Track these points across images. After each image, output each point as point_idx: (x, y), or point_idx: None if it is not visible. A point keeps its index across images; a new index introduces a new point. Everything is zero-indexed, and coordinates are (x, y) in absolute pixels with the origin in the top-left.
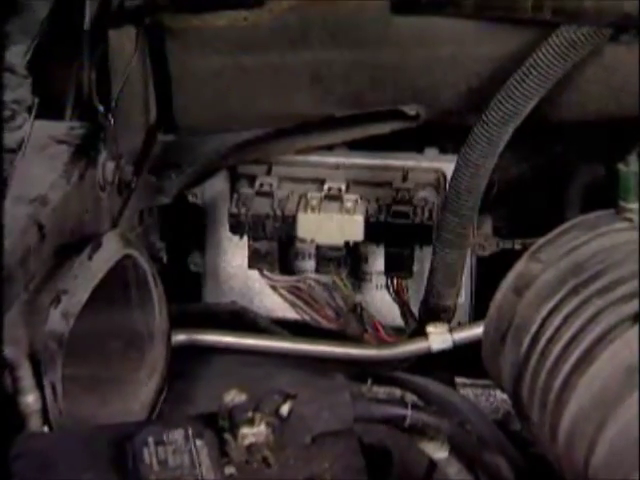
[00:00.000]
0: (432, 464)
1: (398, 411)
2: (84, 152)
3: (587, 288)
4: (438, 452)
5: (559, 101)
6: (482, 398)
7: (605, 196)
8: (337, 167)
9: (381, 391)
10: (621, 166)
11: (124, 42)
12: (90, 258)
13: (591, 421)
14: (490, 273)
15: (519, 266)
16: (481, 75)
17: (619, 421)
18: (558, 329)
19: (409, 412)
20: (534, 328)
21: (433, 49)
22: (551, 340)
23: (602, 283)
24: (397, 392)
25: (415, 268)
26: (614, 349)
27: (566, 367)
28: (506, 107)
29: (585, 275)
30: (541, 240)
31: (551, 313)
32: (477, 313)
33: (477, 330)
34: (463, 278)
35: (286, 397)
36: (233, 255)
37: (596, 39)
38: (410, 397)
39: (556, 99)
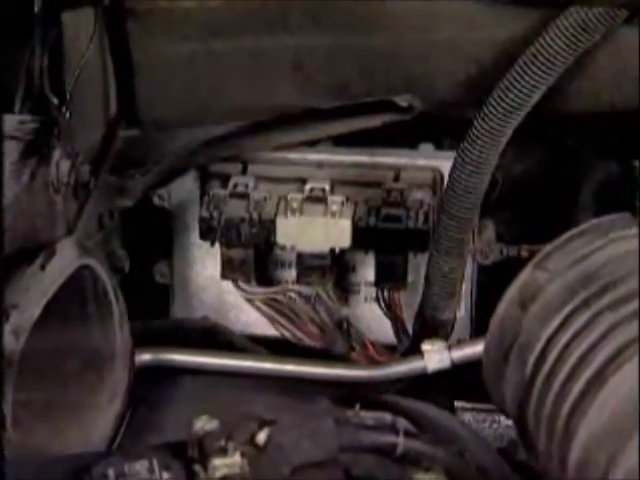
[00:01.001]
0: None
1: (389, 439)
2: (35, 149)
3: (599, 301)
4: None
5: (569, 90)
6: (485, 424)
7: (622, 196)
8: (321, 165)
9: (370, 416)
10: (638, 163)
11: (80, 25)
12: (43, 268)
13: (604, 451)
14: (493, 283)
15: (524, 276)
16: (482, 62)
17: (634, 451)
18: (567, 347)
19: (401, 440)
20: (540, 345)
21: (428, 33)
22: (559, 359)
23: (615, 295)
24: (388, 417)
25: (409, 278)
26: (626, 371)
27: (575, 390)
28: (510, 97)
29: (596, 286)
30: (548, 247)
31: (559, 329)
32: (479, 328)
33: (479, 348)
34: (463, 289)
35: (263, 424)
36: (204, 264)
37: (609, 21)
38: (402, 423)
39: (565, 88)
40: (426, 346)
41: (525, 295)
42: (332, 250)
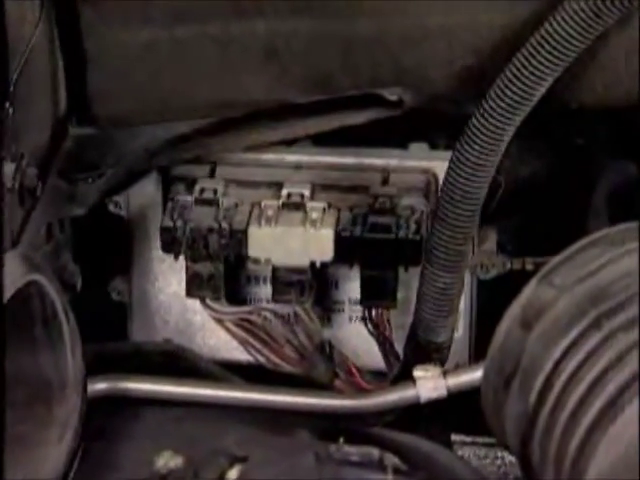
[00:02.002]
0: None
1: (376, 477)
2: None
3: (611, 321)
4: None
5: (579, 82)
6: (486, 460)
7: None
8: (299, 167)
9: (355, 451)
10: None
11: (25, 10)
12: None
13: None
14: (494, 300)
15: (527, 292)
16: (481, 50)
17: None
18: (576, 372)
19: (390, 478)
20: (546, 371)
21: (419, 18)
22: (567, 386)
23: (629, 315)
24: (375, 453)
25: (399, 295)
26: None
27: (586, 421)
28: (513, 91)
29: (609, 304)
30: (555, 259)
31: (567, 352)
32: (479, 352)
33: (478, 374)
34: (460, 307)
35: (234, 460)
36: (167, 280)
37: (625, 5)
38: (391, 459)
39: (575, 80)
40: (419, 372)
41: (529, 314)
42: (312, 264)
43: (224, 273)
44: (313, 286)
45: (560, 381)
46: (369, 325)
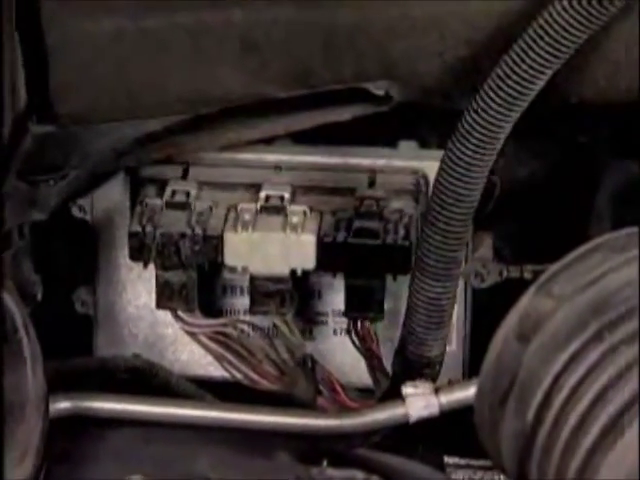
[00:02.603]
0: None
1: None
2: None
3: (614, 333)
4: None
5: (580, 75)
6: None
7: None
8: (278, 168)
9: (338, 474)
10: None
11: None
12: None
13: None
14: (490, 311)
15: (524, 302)
16: (474, 41)
17: None
18: (576, 388)
19: None
20: (544, 387)
21: (408, 6)
22: (567, 403)
23: (632, 327)
24: (360, 476)
25: (387, 306)
26: None
27: (587, 441)
28: (509, 84)
29: (611, 315)
30: (554, 267)
31: (567, 367)
32: (473, 367)
33: (472, 390)
34: (453, 319)
35: None
36: (135, 291)
37: None
38: None
39: (576, 73)
40: (408, 389)
41: (526, 326)
42: (293, 272)
43: (197, 282)
44: (294, 296)
45: (560, 398)
46: (354, 338)
